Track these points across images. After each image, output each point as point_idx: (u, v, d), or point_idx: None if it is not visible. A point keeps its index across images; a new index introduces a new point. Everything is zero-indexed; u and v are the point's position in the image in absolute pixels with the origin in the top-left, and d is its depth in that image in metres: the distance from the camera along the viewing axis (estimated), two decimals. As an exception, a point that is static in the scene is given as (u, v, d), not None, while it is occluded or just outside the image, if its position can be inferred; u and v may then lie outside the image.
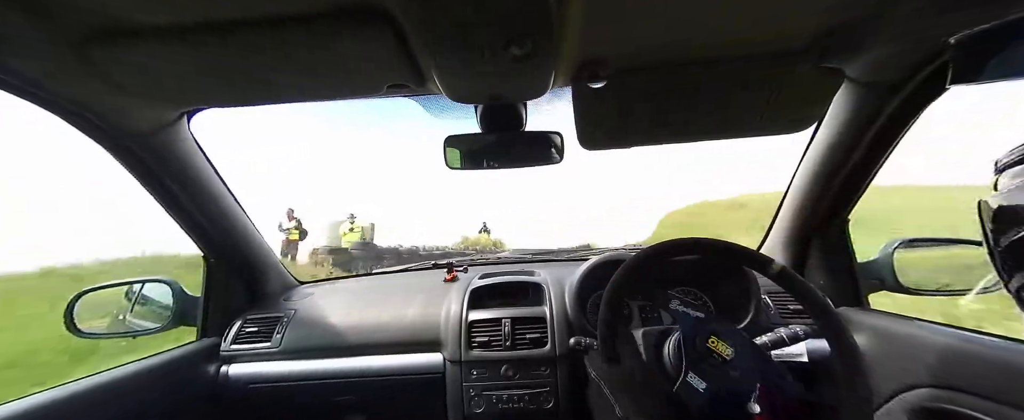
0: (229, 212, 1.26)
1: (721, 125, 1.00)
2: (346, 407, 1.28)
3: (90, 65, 0.71)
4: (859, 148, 1.00)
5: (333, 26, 0.64)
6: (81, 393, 0.97)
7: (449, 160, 1.09)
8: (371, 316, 1.35)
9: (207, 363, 1.26)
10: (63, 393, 0.94)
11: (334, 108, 18.83)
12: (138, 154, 0.99)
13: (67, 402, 0.94)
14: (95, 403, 0.98)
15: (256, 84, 0.83)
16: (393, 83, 0.83)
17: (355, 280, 1.76)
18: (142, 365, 1.12)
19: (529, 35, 0.65)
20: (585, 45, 0.74)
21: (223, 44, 0.68)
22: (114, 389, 1.03)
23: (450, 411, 1.22)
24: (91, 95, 0.81)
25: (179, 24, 0.63)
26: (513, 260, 1.79)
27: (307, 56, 0.73)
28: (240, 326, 1.31)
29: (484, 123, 1.04)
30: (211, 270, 1.34)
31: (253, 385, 1.24)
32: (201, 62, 0.73)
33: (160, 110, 0.93)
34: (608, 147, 1.08)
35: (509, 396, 1.17)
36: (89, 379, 1.01)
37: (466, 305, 1.29)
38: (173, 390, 1.16)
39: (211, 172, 1.16)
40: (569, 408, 1.19)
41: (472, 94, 0.90)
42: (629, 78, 0.83)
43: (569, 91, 0.90)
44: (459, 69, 0.74)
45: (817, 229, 1.23)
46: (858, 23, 0.72)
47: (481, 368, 1.19)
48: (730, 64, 0.81)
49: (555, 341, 1.20)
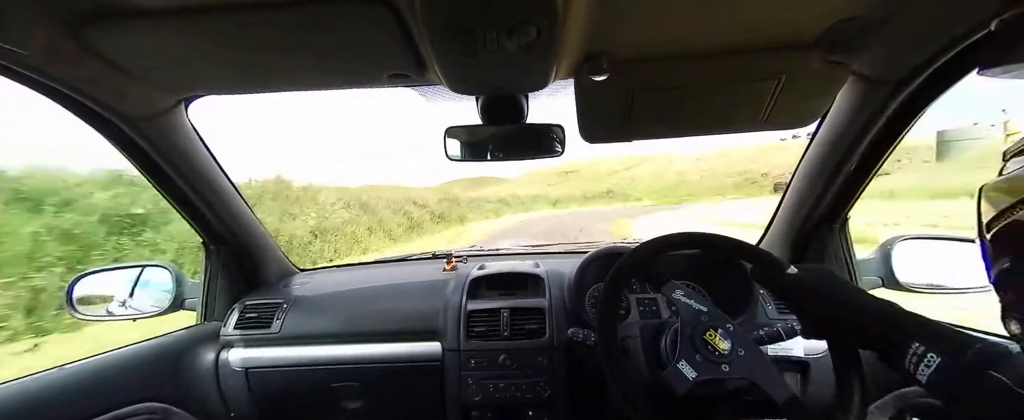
0: (228, 199, 1.26)
1: (725, 119, 0.99)
2: (344, 393, 1.29)
3: (87, 48, 0.70)
4: (862, 145, 0.99)
5: (334, 13, 0.63)
6: (81, 373, 0.98)
7: (449, 151, 1.09)
8: (370, 304, 1.35)
9: (207, 347, 1.27)
10: (62, 373, 0.95)
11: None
12: (136, 140, 0.98)
13: (67, 381, 0.95)
14: (95, 383, 0.99)
15: (256, 71, 0.82)
16: (394, 72, 0.82)
17: (354, 269, 1.77)
18: (143, 347, 1.13)
19: (532, 25, 0.64)
20: (589, 36, 0.73)
21: (223, 29, 0.67)
22: (114, 370, 1.04)
23: (448, 400, 1.23)
24: (88, 79, 0.80)
25: (178, 6, 0.62)
26: (513, 252, 1.79)
27: (308, 43, 0.72)
28: (240, 312, 1.32)
29: (485, 115, 1.03)
30: (211, 256, 1.35)
31: (252, 370, 1.26)
32: (200, 47, 0.73)
33: (158, 95, 0.92)
34: (610, 140, 1.08)
35: (506, 385, 1.18)
36: (89, 360, 1.02)
37: (465, 295, 1.30)
38: (173, 373, 1.17)
39: (210, 159, 1.16)
40: (566, 398, 1.20)
41: (473, 85, 0.89)
42: (632, 70, 0.82)
43: (571, 83, 0.89)
44: (460, 59, 0.74)
45: (817, 225, 1.23)
46: (867, 17, 0.71)
47: (479, 357, 1.20)
48: (735, 56, 0.80)
49: (553, 332, 1.20)
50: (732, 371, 0.79)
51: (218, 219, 1.26)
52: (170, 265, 1.37)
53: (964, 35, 0.70)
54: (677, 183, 44.98)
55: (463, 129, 1.07)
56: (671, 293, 0.87)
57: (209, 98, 1.02)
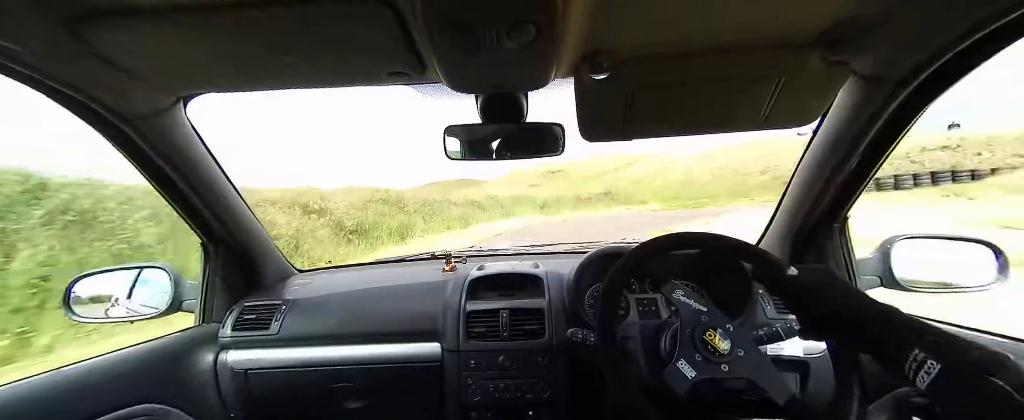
0: (227, 199, 1.25)
1: (725, 118, 0.99)
2: (344, 394, 1.29)
3: (85, 45, 0.70)
4: (861, 144, 0.99)
5: (333, 11, 0.63)
6: (80, 375, 0.98)
7: (448, 149, 1.09)
8: (369, 305, 1.35)
9: (206, 349, 1.26)
10: (61, 375, 0.95)
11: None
12: (134, 139, 0.97)
13: (66, 383, 0.95)
14: (94, 385, 0.99)
15: (255, 69, 0.82)
16: (393, 70, 0.82)
17: (353, 270, 1.77)
18: (141, 349, 1.13)
19: (532, 23, 0.63)
20: (588, 35, 0.73)
21: (222, 27, 0.66)
22: (113, 372, 1.04)
23: (447, 400, 1.23)
24: (86, 77, 0.80)
25: (177, 4, 0.62)
26: (512, 252, 1.79)
27: (307, 41, 0.71)
28: (239, 313, 1.31)
29: (485, 113, 1.03)
30: (209, 256, 1.34)
31: (251, 371, 1.25)
32: (199, 45, 0.72)
33: (157, 94, 0.92)
34: (610, 139, 1.07)
35: (506, 386, 1.18)
36: (88, 362, 1.01)
37: (464, 296, 1.29)
38: (172, 374, 1.16)
39: (209, 158, 1.15)
40: (565, 399, 1.19)
41: (473, 83, 0.89)
42: (633, 69, 0.82)
43: (571, 82, 0.89)
44: (460, 57, 0.73)
45: (817, 225, 1.23)
46: (867, 16, 0.71)
47: (478, 358, 1.19)
48: (735, 55, 0.79)
49: (552, 332, 1.20)
50: (731, 371, 0.79)
51: (217, 220, 1.26)
52: (169, 266, 1.36)
53: (964, 35, 0.70)
54: (683, 183, 41.41)
55: (462, 128, 1.06)
56: (671, 293, 0.87)
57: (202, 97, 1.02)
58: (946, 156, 28.53)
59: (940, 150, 29.02)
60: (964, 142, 29.27)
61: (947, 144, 29.49)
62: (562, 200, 41.16)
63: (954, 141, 30.05)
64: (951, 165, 27.12)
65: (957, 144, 29.33)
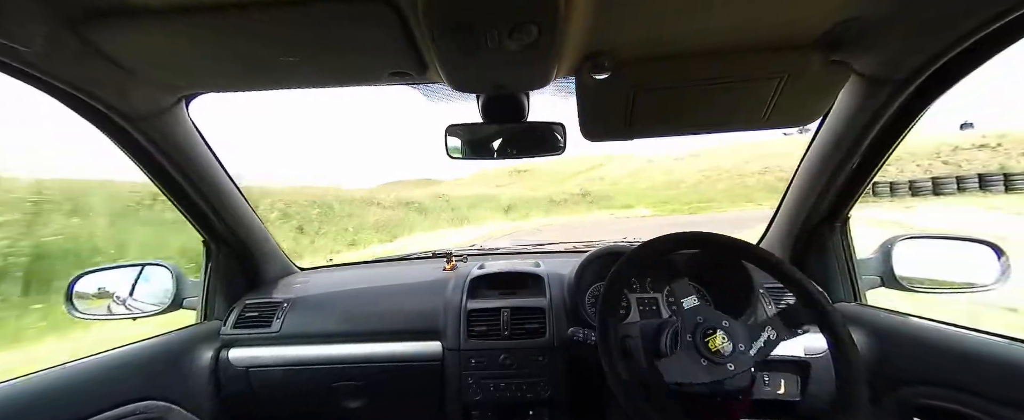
0: (229, 198, 1.25)
1: (726, 118, 0.99)
2: (344, 392, 1.29)
3: (88, 45, 0.70)
4: (863, 144, 0.99)
5: (335, 11, 0.63)
6: (81, 371, 0.98)
7: (450, 149, 1.09)
8: (370, 304, 1.35)
9: (207, 346, 1.27)
10: (63, 371, 0.95)
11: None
12: (137, 138, 0.98)
13: (68, 379, 0.95)
14: (96, 381, 0.99)
15: (256, 68, 0.82)
16: (395, 70, 0.82)
17: (354, 268, 1.77)
18: (143, 346, 1.13)
19: (533, 24, 0.64)
20: (590, 35, 0.73)
21: (224, 27, 0.67)
22: (115, 368, 1.04)
23: (448, 399, 1.23)
24: (88, 77, 0.80)
25: (179, 4, 0.62)
26: (513, 251, 1.79)
27: (309, 41, 0.72)
28: (240, 310, 1.32)
29: (486, 113, 1.03)
30: (211, 254, 1.35)
31: (253, 369, 1.26)
32: (202, 45, 0.72)
33: (159, 94, 0.92)
34: (611, 138, 1.07)
35: (507, 384, 1.18)
36: (90, 358, 1.01)
37: (465, 294, 1.30)
38: (173, 371, 1.17)
39: (211, 157, 1.15)
40: (566, 397, 1.20)
41: (474, 83, 0.89)
42: (634, 69, 0.82)
43: (573, 82, 0.89)
44: (461, 57, 0.73)
45: (818, 225, 1.22)
46: (868, 17, 0.71)
47: (479, 357, 1.20)
48: (737, 56, 0.79)
49: (553, 331, 1.20)
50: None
51: (219, 218, 1.26)
52: (170, 264, 1.36)
53: (965, 35, 0.70)
54: (667, 184, 36.42)
55: (464, 127, 1.06)
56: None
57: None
58: (986, 156, 23.83)
59: (977, 149, 24.49)
60: (1004, 140, 24.51)
61: (985, 142, 24.92)
62: (532, 202, 33.06)
63: (992, 139, 24.97)
64: (998, 166, 21.83)
65: (997, 142, 24.50)
